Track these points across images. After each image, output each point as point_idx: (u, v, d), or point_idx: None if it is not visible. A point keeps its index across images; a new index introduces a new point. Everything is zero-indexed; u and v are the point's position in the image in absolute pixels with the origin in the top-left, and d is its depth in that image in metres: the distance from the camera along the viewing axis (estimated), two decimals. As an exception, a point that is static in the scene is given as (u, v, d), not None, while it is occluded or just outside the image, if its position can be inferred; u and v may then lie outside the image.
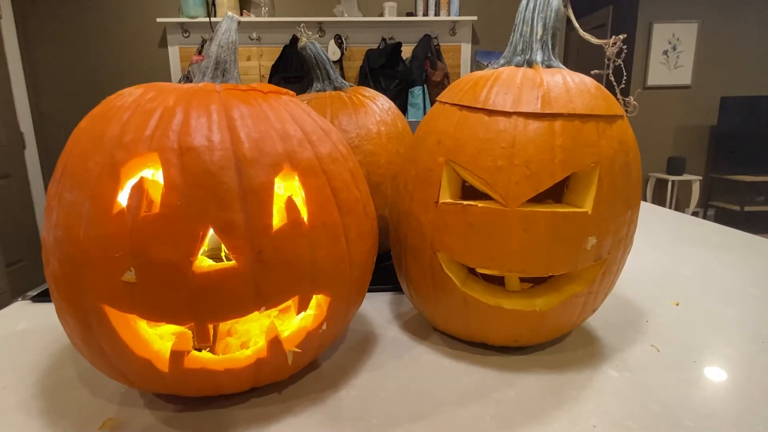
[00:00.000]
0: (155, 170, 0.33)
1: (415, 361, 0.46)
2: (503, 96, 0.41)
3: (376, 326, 0.54)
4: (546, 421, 0.36)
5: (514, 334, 0.45)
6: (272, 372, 0.39)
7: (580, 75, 0.44)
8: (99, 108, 0.37)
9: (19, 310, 0.61)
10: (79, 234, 0.32)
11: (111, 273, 0.32)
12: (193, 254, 0.32)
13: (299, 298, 0.37)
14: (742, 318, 0.55)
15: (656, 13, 3.77)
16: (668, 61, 3.84)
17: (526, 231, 0.40)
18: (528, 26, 0.45)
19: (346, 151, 0.43)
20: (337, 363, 0.46)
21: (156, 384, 0.37)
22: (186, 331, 0.36)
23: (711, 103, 3.83)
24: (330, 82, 0.72)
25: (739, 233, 0.91)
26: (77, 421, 0.37)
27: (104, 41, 2.95)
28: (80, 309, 0.33)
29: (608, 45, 0.44)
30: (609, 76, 0.47)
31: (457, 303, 0.44)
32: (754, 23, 3.79)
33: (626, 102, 0.45)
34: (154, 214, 0.32)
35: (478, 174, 0.41)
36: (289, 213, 0.35)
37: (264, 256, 0.34)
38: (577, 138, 0.40)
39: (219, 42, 0.42)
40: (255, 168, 0.34)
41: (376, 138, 0.66)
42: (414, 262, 0.46)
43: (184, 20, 2.92)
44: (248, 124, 0.35)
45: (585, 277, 0.43)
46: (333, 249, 0.38)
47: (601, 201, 0.40)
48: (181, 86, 0.37)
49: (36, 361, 0.47)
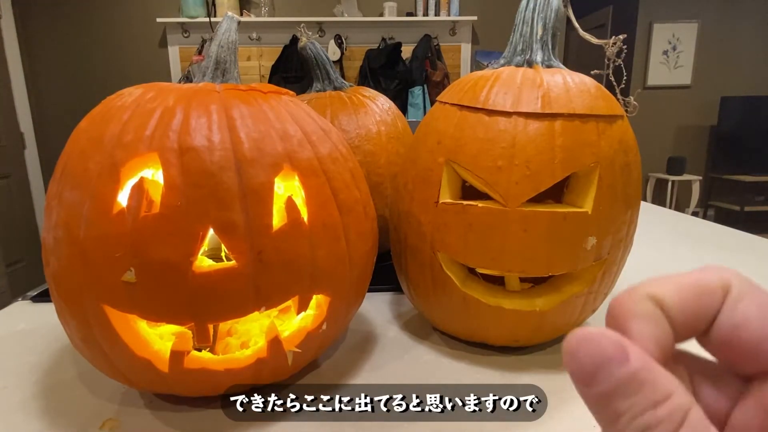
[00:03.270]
0: (155, 170, 0.33)
1: (415, 361, 0.46)
2: (503, 96, 0.41)
3: (376, 326, 0.54)
4: (546, 422, 0.36)
5: (514, 334, 0.45)
6: (272, 372, 0.39)
7: (580, 75, 0.44)
8: (99, 108, 0.37)
9: (19, 310, 0.61)
10: (79, 234, 0.32)
11: (111, 273, 0.32)
12: (193, 254, 0.32)
13: (299, 298, 0.37)
14: (742, 318, 0.55)
15: (656, 13, 3.77)
16: (668, 61, 3.83)
17: (526, 231, 0.40)
18: (528, 26, 0.45)
19: (346, 151, 0.43)
20: (337, 363, 0.46)
21: (156, 384, 0.37)
22: (186, 331, 0.36)
23: (711, 103, 3.82)
24: (330, 82, 0.72)
25: (739, 233, 0.91)
26: (77, 421, 0.37)
27: (104, 41, 2.95)
28: (80, 309, 0.33)
29: (608, 45, 0.44)
30: (609, 76, 0.47)
31: (457, 303, 0.44)
32: (754, 23, 3.79)
33: (626, 102, 0.45)
34: (154, 214, 0.32)
35: (478, 174, 0.41)
36: (289, 213, 0.35)
37: (264, 256, 0.34)
38: (577, 138, 0.40)
39: (219, 42, 0.41)
40: (255, 168, 0.34)
41: (376, 138, 0.66)
42: (414, 262, 0.46)
43: (184, 20, 2.91)
44: (248, 124, 0.35)
45: (585, 277, 0.43)
46: (333, 249, 0.38)
47: (601, 201, 0.40)
48: (181, 86, 0.37)
49: (36, 361, 0.47)
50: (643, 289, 0.14)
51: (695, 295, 0.14)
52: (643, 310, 0.14)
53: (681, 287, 0.14)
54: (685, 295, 0.14)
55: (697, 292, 0.14)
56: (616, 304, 0.14)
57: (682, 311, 0.14)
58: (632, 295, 0.14)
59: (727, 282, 0.14)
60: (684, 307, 0.14)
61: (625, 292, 0.15)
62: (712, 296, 0.14)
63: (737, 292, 0.14)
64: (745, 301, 0.14)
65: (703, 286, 0.14)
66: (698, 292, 0.14)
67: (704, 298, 0.14)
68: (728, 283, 0.14)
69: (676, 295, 0.14)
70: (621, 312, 0.14)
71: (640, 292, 0.14)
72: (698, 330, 0.15)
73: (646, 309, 0.14)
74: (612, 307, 0.15)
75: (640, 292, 0.14)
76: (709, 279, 0.15)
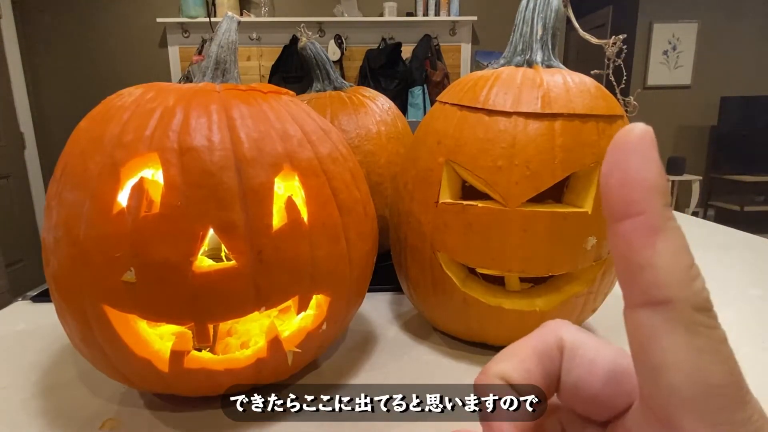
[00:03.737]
0: (155, 170, 0.33)
1: (415, 361, 0.46)
2: (503, 96, 0.41)
3: (376, 326, 0.54)
4: (546, 421, 0.36)
5: (514, 334, 0.45)
6: (272, 372, 0.39)
7: (580, 75, 0.44)
8: (99, 108, 0.37)
9: (19, 310, 0.61)
10: (79, 234, 0.32)
11: (111, 273, 0.32)
12: (193, 254, 0.32)
13: (299, 298, 0.37)
14: (742, 318, 0.55)
15: (656, 13, 3.77)
16: (668, 61, 3.83)
17: (526, 231, 0.40)
18: (528, 26, 0.45)
19: (346, 151, 0.43)
20: (337, 363, 0.46)
21: (156, 384, 0.37)
22: (186, 331, 0.36)
23: (711, 103, 3.82)
24: (330, 82, 0.72)
25: (739, 233, 0.91)
26: (77, 421, 0.37)
27: (104, 41, 2.95)
28: (80, 309, 0.33)
29: (608, 45, 0.44)
30: (609, 76, 0.47)
31: (457, 303, 0.44)
32: (754, 23, 3.79)
33: (626, 102, 0.45)
34: (154, 214, 0.32)
35: (478, 174, 0.41)
36: (289, 213, 0.35)
37: (264, 256, 0.34)
38: (577, 138, 0.40)
39: (219, 42, 0.41)
40: (255, 168, 0.34)
41: (376, 138, 0.66)
42: (414, 262, 0.46)
43: (184, 20, 2.91)
44: (248, 124, 0.35)
45: (585, 277, 0.43)
46: (333, 249, 0.38)
47: (601, 201, 0.40)
48: (181, 86, 0.37)
49: (36, 361, 0.47)
50: (493, 370, 0.16)
51: (537, 364, 0.15)
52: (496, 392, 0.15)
53: (524, 358, 0.16)
54: (528, 365, 0.15)
55: (538, 358, 0.16)
56: (475, 386, 0.16)
57: (529, 381, 0.15)
58: (485, 377, 0.16)
59: (560, 341, 0.16)
60: (530, 377, 0.15)
61: (480, 373, 0.16)
62: (552, 360, 0.16)
63: (570, 350, 0.16)
64: (577, 359, 0.15)
65: (541, 352, 0.16)
66: (540, 359, 0.16)
67: (546, 363, 0.16)
68: (562, 342, 0.16)
69: (521, 366, 0.15)
70: (479, 395, 0.16)
71: (491, 373, 0.16)
72: (550, 392, 0.16)
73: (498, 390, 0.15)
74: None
75: (491, 372, 0.16)
76: (546, 341, 0.16)
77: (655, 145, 0.12)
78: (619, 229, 0.12)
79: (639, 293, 0.12)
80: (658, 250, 0.12)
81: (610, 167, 0.12)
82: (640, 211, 0.12)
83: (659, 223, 0.12)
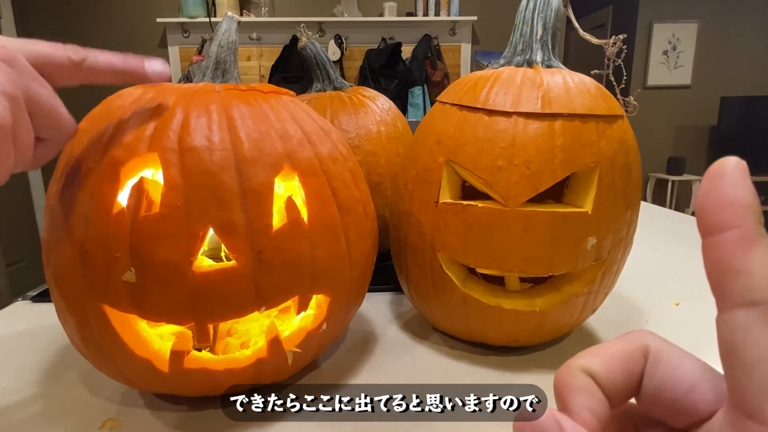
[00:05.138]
0: (155, 170, 0.33)
1: (415, 361, 0.46)
2: (503, 96, 0.41)
3: (376, 326, 0.54)
4: (546, 421, 0.36)
5: (514, 334, 0.45)
6: (272, 372, 0.39)
7: (580, 75, 0.44)
8: (99, 108, 0.38)
9: (19, 310, 0.61)
10: (79, 234, 0.32)
11: (111, 273, 0.32)
12: (193, 254, 0.32)
13: (299, 298, 0.37)
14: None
15: (656, 13, 3.77)
16: (668, 61, 3.83)
17: (526, 231, 0.40)
18: (528, 26, 0.45)
19: (346, 151, 0.43)
20: (337, 363, 0.46)
21: (156, 384, 0.37)
22: (186, 331, 0.36)
23: (711, 103, 3.82)
24: (330, 82, 0.72)
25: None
26: (77, 421, 0.37)
27: (104, 41, 2.95)
28: (80, 309, 0.33)
29: (608, 45, 0.44)
30: (609, 76, 0.47)
31: (457, 303, 0.44)
32: (754, 23, 3.79)
33: (626, 102, 0.45)
34: (154, 214, 0.32)
35: (478, 174, 0.41)
36: (289, 213, 0.35)
37: (264, 256, 0.34)
38: (577, 138, 0.40)
39: (219, 42, 0.41)
40: (255, 168, 0.34)
41: (376, 138, 0.66)
42: (414, 262, 0.46)
43: (184, 20, 2.91)
44: (248, 124, 0.35)
45: (585, 277, 0.43)
46: (333, 249, 0.38)
47: (601, 201, 0.40)
48: (181, 86, 0.37)
49: (36, 361, 0.47)
50: (576, 363, 0.16)
51: (621, 363, 0.16)
52: (578, 384, 0.16)
53: (609, 357, 0.16)
54: (612, 364, 0.16)
55: (622, 359, 0.16)
56: (556, 378, 0.16)
57: (612, 379, 0.16)
58: (568, 369, 0.16)
59: (646, 347, 0.16)
60: (613, 375, 0.16)
61: (563, 366, 0.17)
62: (635, 362, 0.16)
63: (654, 355, 0.16)
64: (662, 364, 0.16)
65: (627, 353, 0.16)
66: (623, 360, 0.16)
67: (629, 364, 0.16)
68: (647, 348, 0.16)
69: (605, 364, 0.16)
70: (560, 387, 0.16)
71: (574, 366, 0.16)
72: (630, 393, 0.16)
73: (580, 382, 0.16)
74: (554, 382, 0.17)
75: (575, 366, 0.16)
76: (631, 345, 0.16)
77: (748, 174, 0.14)
78: (718, 241, 0.14)
79: (735, 296, 0.13)
80: (754, 257, 0.13)
81: (707, 190, 0.14)
82: (737, 225, 0.13)
83: (754, 236, 0.13)
